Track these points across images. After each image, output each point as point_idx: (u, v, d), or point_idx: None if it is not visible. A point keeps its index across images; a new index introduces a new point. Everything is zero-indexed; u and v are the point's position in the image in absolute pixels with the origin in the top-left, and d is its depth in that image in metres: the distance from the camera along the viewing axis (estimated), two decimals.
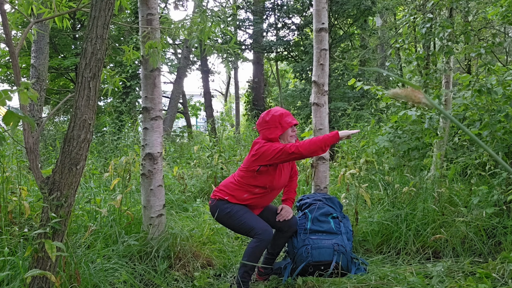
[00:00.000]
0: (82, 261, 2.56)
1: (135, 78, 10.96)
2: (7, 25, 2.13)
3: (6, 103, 1.71)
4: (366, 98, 9.54)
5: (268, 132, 2.76)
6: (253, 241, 2.66)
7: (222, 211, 2.74)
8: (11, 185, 3.10)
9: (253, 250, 2.65)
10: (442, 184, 3.80)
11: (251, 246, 2.66)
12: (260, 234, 2.63)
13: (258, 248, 2.64)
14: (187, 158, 7.79)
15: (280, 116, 2.76)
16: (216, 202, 2.79)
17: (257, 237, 2.64)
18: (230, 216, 2.72)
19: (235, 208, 2.72)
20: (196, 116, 20.05)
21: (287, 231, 2.95)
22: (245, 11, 12.76)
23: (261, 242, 2.63)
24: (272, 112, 2.80)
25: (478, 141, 0.71)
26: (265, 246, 2.66)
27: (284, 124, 2.74)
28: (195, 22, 3.14)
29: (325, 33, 3.62)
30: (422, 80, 4.69)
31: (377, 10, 9.14)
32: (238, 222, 2.71)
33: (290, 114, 2.84)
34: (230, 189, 2.79)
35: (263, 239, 2.63)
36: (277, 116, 2.76)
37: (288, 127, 2.74)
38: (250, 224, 2.67)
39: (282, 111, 2.82)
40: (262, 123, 2.80)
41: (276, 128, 2.74)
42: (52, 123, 10.31)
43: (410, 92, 0.70)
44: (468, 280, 2.53)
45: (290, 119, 2.78)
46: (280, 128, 2.74)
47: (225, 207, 2.74)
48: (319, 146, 2.62)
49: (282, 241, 2.99)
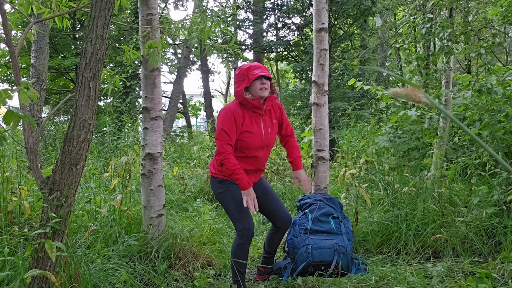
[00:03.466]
0: (82, 261, 2.56)
1: (135, 78, 10.96)
2: (7, 25, 2.13)
3: (7, 102, 1.71)
4: (366, 98, 9.54)
5: (236, 85, 2.62)
6: (236, 238, 2.64)
7: (215, 190, 2.70)
8: (11, 185, 3.10)
9: (237, 248, 2.62)
10: (442, 184, 3.80)
11: (234, 243, 2.64)
12: (241, 231, 2.59)
13: (241, 246, 2.61)
14: (187, 158, 7.79)
15: (248, 69, 2.60)
16: (211, 179, 2.75)
17: (238, 233, 2.61)
18: (221, 197, 2.67)
19: (226, 191, 2.64)
20: (196, 116, 20.06)
21: (280, 227, 2.85)
22: (245, 11, 12.76)
23: (241, 239, 2.60)
24: (243, 66, 2.64)
25: (478, 140, 0.71)
26: (247, 243, 2.61)
27: (251, 76, 2.56)
28: (195, 22, 3.14)
29: (325, 33, 3.62)
30: (422, 80, 4.69)
31: (377, 10, 9.14)
32: (226, 207, 2.67)
33: (264, 67, 2.63)
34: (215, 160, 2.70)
35: (243, 235, 2.59)
36: (245, 69, 2.61)
37: (253, 78, 2.55)
38: (234, 215, 2.62)
39: (253, 64, 2.65)
40: (234, 78, 2.68)
41: (243, 81, 2.59)
42: (52, 123, 10.31)
43: (410, 91, 0.70)
44: (468, 280, 2.52)
45: (258, 71, 2.57)
46: (247, 80, 2.57)
47: (218, 186, 2.68)
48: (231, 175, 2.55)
49: (277, 237, 2.91)
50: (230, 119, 2.55)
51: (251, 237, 2.63)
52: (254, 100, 2.60)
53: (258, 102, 2.62)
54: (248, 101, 2.58)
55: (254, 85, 2.58)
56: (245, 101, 2.59)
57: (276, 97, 2.73)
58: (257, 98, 2.60)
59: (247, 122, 2.61)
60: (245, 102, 2.60)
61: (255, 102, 2.60)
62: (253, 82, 2.58)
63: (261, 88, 2.58)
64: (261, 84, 2.57)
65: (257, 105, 2.61)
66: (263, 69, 2.60)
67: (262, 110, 2.66)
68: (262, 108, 2.65)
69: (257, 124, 2.64)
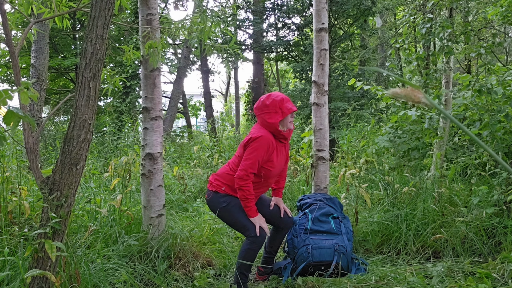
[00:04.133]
0: (82, 261, 2.56)
1: (135, 78, 10.96)
2: (7, 25, 2.13)
3: (7, 103, 1.71)
4: (366, 98, 9.54)
5: (268, 116, 2.66)
6: (246, 242, 2.63)
7: (218, 204, 2.68)
8: (11, 185, 3.10)
9: (246, 252, 2.61)
10: (442, 184, 3.80)
11: (244, 247, 2.63)
12: (253, 236, 2.59)
13: (251, 250, 2.60)
14: (187, 158, 7.79)
15: (281, 101, 2.67)
16: (212, 194, 2.72)
17: (250, 238, 2.60)
18: (226, 210, 2.66)
19: (232, 203, 2.65)
20: (196, 116, 20.05)
21: (283, 228, 2.91)
22: (245, 11, 12.76)
23: (253, 244, 2.59)
24: (273, 96, 2.69)
25: (478, 141, 0.71)
26: (258, 248, 2.62)
27: (285, 109, 2.66)
28: (195, 22, 3.14)
29: (325, 33, 3.62)
30: (422, 80, 4.69)
31: (377, 10, 9.14)
32: (233, 219, 2.65)
33: (290, 100, 2.76)
34: (226, 178, 2.70)
35: (255, 241, 2.59)
36: (278, 101, 2.66)
37: (288, 113, 2.66)
38: (245, 223, 2.61)
39: (283, 96, 2.72)
40: (261, 107, 2.69)
41: (276, 113, 2.65)
42: (52, 123, 10.31)
43: (410, 91, 0.70)
44: (468, 280, 2.52)
45: (290, 105, 2.69)
46: (280, 113, 2.65)
47: (221, 201, 2.67)
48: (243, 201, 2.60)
49: (279, 238, 2.95)
50: (265, 151, 2.61)
51: (262, 242, 2.63)
52: (287, 133, 2.72)
53: (289, 133, 2.75)
54: (281, 133, 2.68)
55: (287, 119, 2.70)
56: (278, 133, 2.68)
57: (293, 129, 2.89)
58: (289, 130, 2.74)
59: (275, 153, 2.68)
60: (277, 133, 2.68)
61: (287, 134, 2.73)
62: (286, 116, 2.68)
63: (290, 122, 2.73)
64: (291, 118, 2.73)
65: (287, 136, 2.74)
66: (292, 104, 2.74)
67: (288, 140, 2.79)
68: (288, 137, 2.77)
69: (279, 154, 2.74)
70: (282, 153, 2.78)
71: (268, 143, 2.61)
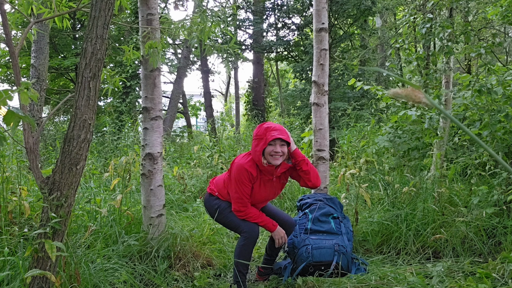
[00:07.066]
0: (82, 261, 2.56)
1: (135, 78, 10.97)
2: (7, 25, 2.13)
3: (7, 103, 1.71)
4: (366, 98, 9.55)
5: (255, 143, 2.58)
6: (240, 240, 2.68)
7: (211, 206, 2.79)
8: (11, 185, 3.10)
9: (241, 249, 2.65)
10: (442, 184, 3.80)
11: (239, 245, 2.68)
12: (246, 232, 2.64)
13: (245, 246, 2.64)
14: (187, 158, 7.79)
15: (267, 129, 2.55)
16: (207, 196, 2.85)
17: (243, 235, 2.65)
18: (219, 213, 2.75)
19: (223, 205, 2.75)
20: (196, 116, 20.06)
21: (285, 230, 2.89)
22: (245, 11, 12.77)
23: (247, 240, 2.64)
24: (265, 124, 2.61)
25: (478, 141, 0.71)
26: (252, 244, 2.65)
27: (268, 136, 2.51)
28: (195, 22, 3.14)
29: (325, 33, 3.62)
30: (422, 80, 4.69)
31: (377, 10, 9.14)
32: (226, 219, 2.74)
33: (283, 130, 2.56)
34: (219, 187, 2.80)
35: (249, 237, 2.63)
36: (265, 127, 2.56)
37: (270, 139, 2.49)
38: (236, 222, 2.69)
39: (273, 124, 2.59)
40: (254, 133, 2.64)
41: (261, 139, 2.54)
42: (52, 123, 10.30)
43: (410, 91, 0.70)
44: (468, 280, 2.52)
45: (276, 133, 2.51)
46: (264, 140, 2.52)
47: (214, 203, 2.78)
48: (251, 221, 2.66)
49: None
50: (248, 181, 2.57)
51: (256, 238, 2.67)
52: (268, 167, 2.59)
53: (272, 169, 2.62)
54: (263, 165, 2.57)
55: (267, 149, 2.53)
56: (260, 164, 2.58)
57: (289, 166, 2.68)
58: (272, 166, 2.58)
59: (257, 183, 2.64)
60: (260, 165, 2.59)
61: (269, 168, 2.60)
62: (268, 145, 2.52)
63: (272, 155, 2.53)
64: (274, 152, 2.52)
65: (270, 171, 2.62)
66: (281, 132, 2.53)
67: (273, 176, 2.67)
68: (274, 174, 2.66)
69: (264, 186, 2.67)
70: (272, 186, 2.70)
71: (246, 174, 2.56)
